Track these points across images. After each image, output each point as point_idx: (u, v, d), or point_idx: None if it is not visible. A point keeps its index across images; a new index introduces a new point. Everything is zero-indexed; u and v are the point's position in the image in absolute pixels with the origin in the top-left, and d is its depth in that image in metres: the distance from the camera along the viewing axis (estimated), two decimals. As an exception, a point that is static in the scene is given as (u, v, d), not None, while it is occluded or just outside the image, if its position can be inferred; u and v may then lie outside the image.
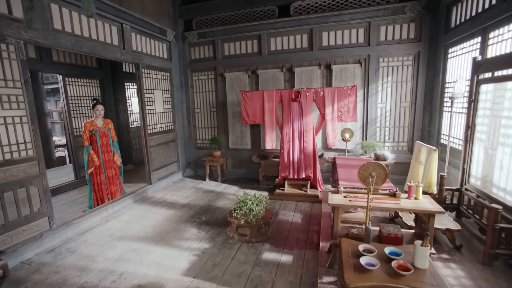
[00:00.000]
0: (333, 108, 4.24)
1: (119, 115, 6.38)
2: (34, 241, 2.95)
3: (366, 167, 1.69)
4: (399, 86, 4.60)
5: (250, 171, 5.61)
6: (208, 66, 5.57)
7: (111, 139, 4.13)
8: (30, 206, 2.92)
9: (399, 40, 4.45)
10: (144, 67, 4.67)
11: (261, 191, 4.76)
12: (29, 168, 2.91)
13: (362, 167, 1.70)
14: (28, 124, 2.90)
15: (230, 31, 5.25)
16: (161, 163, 5.17)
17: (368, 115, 4.79)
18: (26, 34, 2.83)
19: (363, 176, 1.72)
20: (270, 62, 5.18)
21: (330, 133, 4.32)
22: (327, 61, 4.87)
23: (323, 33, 4.84)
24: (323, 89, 4.22)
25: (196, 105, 5.87)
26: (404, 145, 4.75)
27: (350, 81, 4.79)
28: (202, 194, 4.71)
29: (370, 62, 4.61)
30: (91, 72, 5.75)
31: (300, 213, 3.84)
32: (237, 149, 5.66)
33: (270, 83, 5.22)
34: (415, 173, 3.26)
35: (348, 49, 4.71)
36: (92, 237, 3.27)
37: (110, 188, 4.20)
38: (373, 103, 4.75)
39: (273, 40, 5.14)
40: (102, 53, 3.77)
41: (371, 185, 1.69)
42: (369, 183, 1.70)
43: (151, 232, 3.36)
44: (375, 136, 4.83)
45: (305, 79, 5.02)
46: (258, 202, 3.15)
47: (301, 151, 4.41)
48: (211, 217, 3.76)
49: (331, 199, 2.08)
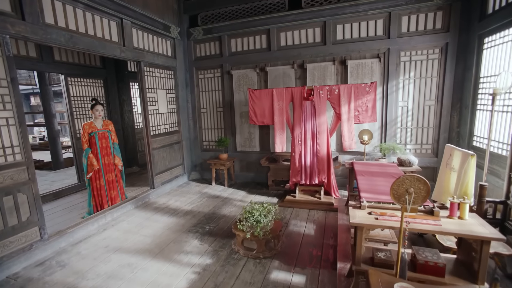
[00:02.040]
0: (349, 107, 3.85)
1: (124, 116, 6.18)
2: (23, 253, 2.71)
3: (401, 181, 1.31)
4: (423, 82, 4.14)
5: (258, 175, 5.27)
6: (214, 64, 5.27)
7: (111, 142, 3.89)
8: (18, 215, 2.69)
9: (424, 31, 4.00)
10: (146, 65, 4.41)
11: (270, 197, 4.41)
12: (17, 174, 2.68)
13: (396, 182, 1.33)
14: (16, 127, 2.67)
15: (237, 26, 4.93)
16: (165, 166, 4.91)
17: (388, 115, 4.36)
18: (13, 28, 2.60)
19: (398, 193, 1.35)
20: (280, 59, 4.83)
21: (346, 135, 3.92)
22: (342, 56, 4.47)
23: (338, 26, 4.44)
24: (339, 86, 3.84)
25: (202, 105, 5.58)
26: (428, 148, 4.30)
27: (367, 77, 4.38)
28: (207, 200, 4.41)
29: (390, 57, 4.18)
30: (95, 72, 5.57)
31: (313, 223, 3.47)
32: (245, 152, 5.34)
33: (280, 81, 4.86)
34: (446, 181, 2.83)
35: (365, 43, 4.30)
36: (86, 248, 3.02)
37: (110, 193, 3.96)
38: (393, 102, 4.32)
39: (283, 35, 4.79)
40: (100, 50, 3.53)
41: (408, 204, 1.32)
42: (404, 201, 1.33)
43: (149, 243, 3.08)
44: (395, 138, 4.40)
45: (318, 76, 4.64)
46: (266, 213, 2.81)
47: (314, 155, 4.03)
48: (215, 226, 3.45)
49: (353, 216, 1.72)
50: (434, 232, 1.59)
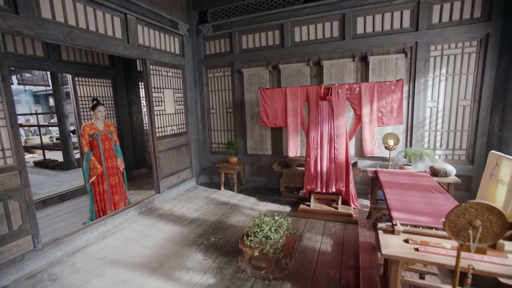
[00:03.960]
0: (372, 108, 3.45)
1: (132, 117, 6.02)
2: (14, 264, 2.52)
3: (462, 210, 0.93)
4: (457, 80, 3.67)
5: (270, 180, 4.93)
6: (225, 62, 4.99)
7: (113, 143, 3.69)
8: (8, 223, 2.50)
9: (459, 21, 3.53)
10: (152, 63, 4.19)
11: (282, 205, 4.07)
12: (8, 180, 2.49)
13: (454, 211, 0.94)
14: (7, 128, 2.48)
15: (249, 21, 4.63)
16: (171, 169, 4.67)
17: (414, 117, 3.91)
18: (5, 22, 2.41)
19: (457, 226, 0.96)
20: (294, 55, 4.48)
21: (368, 139, 3.52)
22: (363, 52, 4.06)
23: (358, 19, 4.04)
24: (360, 85, 3.44)
25: (212, 105, 5.32)
26: (461, 154, 3.81)
27: (391, 75, 3.95)
28: (214, 207, 4.13)
29: (418, 51, 3.74)
30: (103, 71, 5.43)
31: (330, 237, 3.10)
32: (256, 155, 5.02)
33: (294, 79, 4.51)
34: (491, 195, 2.40)
35: (390, 37, 3.87)
36: (82, 259, 2.80)
37: (113, 198, 3.76)
38: (421, 102, 3.86)
39: (297, 30, 4.44)
40: (102, 46, 3.32)
41: (473, 241, 0.94)
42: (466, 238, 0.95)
43: (149, 256, 2.82)
44: (422, 142, 3.94)
45: (336, 74, 4.25)
46: (277, 227, 2.48)
47: (331, 160, 3.66)
48: (221, 238, 3.15)
49: (385, 245, 1.35)
50: (504, 276, 1.19)
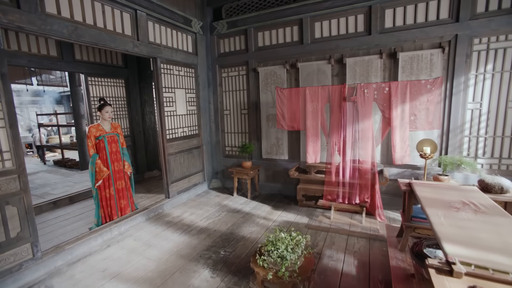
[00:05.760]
0: (403, 110, 3.05)
1: (145, 117, 5.91)
2: (10, 274, 2.36)
3: None
4: (506, 77, 3.18)
5: (286, 187, 4.60)
6: (239, 60, 4.72)
7: (120, 146, 3.52)
8: (5, 230, 2.34)
9: (511, 8, 3.05)
10: (163, 61, 4.00)
11: (299, 215, 3.72)
12: (6, 184, 2.34)
13: None
14: (6, 129, 2.34)
15: (265, 17, 4.34)
16: (182, 173, 4.46)
17: (451, 120, 3.44)
18: (5, 17, 2.27)
19: None
20: (314, 53, 4.13)
21: (398, 145, 3.12)
22: (392, 47, 3.65)
23: (387, 11, 3.64)
24: (389, 84, 3.06)
25: (225, 106, 5.07)
26: (510, 164, 3.30)
27: (424, 73, 3.51)
28: (226, 215, 3.85)
29: (458, 45, 3.29)
30: (116, 71, 5.34)
31: (354, 256, 2.72)
32: (272, 160, 4.70)
33: (314, 79, 4.16)
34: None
35: (423, 30, 3.44)
36: (82, 271, 2.61)
37: (120, 203, 3.58)
38: (460, 103, 3.40)
39: (318, 25, 4.09)
40: (109, 43, 3.15)
41: None
42: None
43: (152, 270, 2.59)
44: (461, 150, 3.46)
45: (360, 73, 3.86)
46: (294, 246, 2.15)
47: (355, 168, 3.28)
48: (231, 252, 2.86)
49: (441, 292, 1.00)
50: None
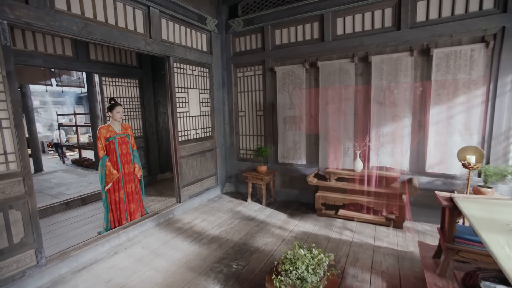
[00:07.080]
0: (439, 113, 2.70)
1: (158, 118, 5.82)
2: (13, 282, 2.25)
3: None
4: (561, 76, 2.77)
5: (303, 194, 4.32)
6: (256, 60, 4.50)
7: (131, 148, 3.39)
8: (8, 236, 2.23)
9: None
10: (176, 60, 3.85)
11: (317, 226, 3.43)
12: (10, 187, 2.23)
13: None
14: (11, 129, 2.23)
15: (283, 14, 4.10)
16: (194, 177, 4.29)
17: (494, 125, 3.04)
18: (12, 12, 2.17)
19: None
20: (335, 51, 3.84)
21: (432, 150, 2.78)
22: (424, 44, 3.30)
23: (419, 3, 3.30)
24: (423, 84, 2.73)
25: (240, 107, 4.86)
26: None
27: (463, 71, 3.13)
28: (239, 223, 3.63)
29: (505, 39, 2.90)
30: (130, 71, 5.27)
31: (382, 277, 2.41)
32: (288, 164, 4.43)
33: (335, 78, 3.85)
34: None
35: (463, 22, 3.08)
36: (87, 280, 2.46)
37: (129, 207, 3.45)
38: (505, 107, 3.00)
39: (340, 21, 3.80)
40: (120, 41, 3.02)
41: None
42: None
43: (159, 283, 2.40)
44: (506, 158, 3.05)
45: (388, 72, 3.51)
46: (315, 265, 1.89)
47: (382, 176, 2.96)
48: (244, 266, 2.63)
49: None
50: None
